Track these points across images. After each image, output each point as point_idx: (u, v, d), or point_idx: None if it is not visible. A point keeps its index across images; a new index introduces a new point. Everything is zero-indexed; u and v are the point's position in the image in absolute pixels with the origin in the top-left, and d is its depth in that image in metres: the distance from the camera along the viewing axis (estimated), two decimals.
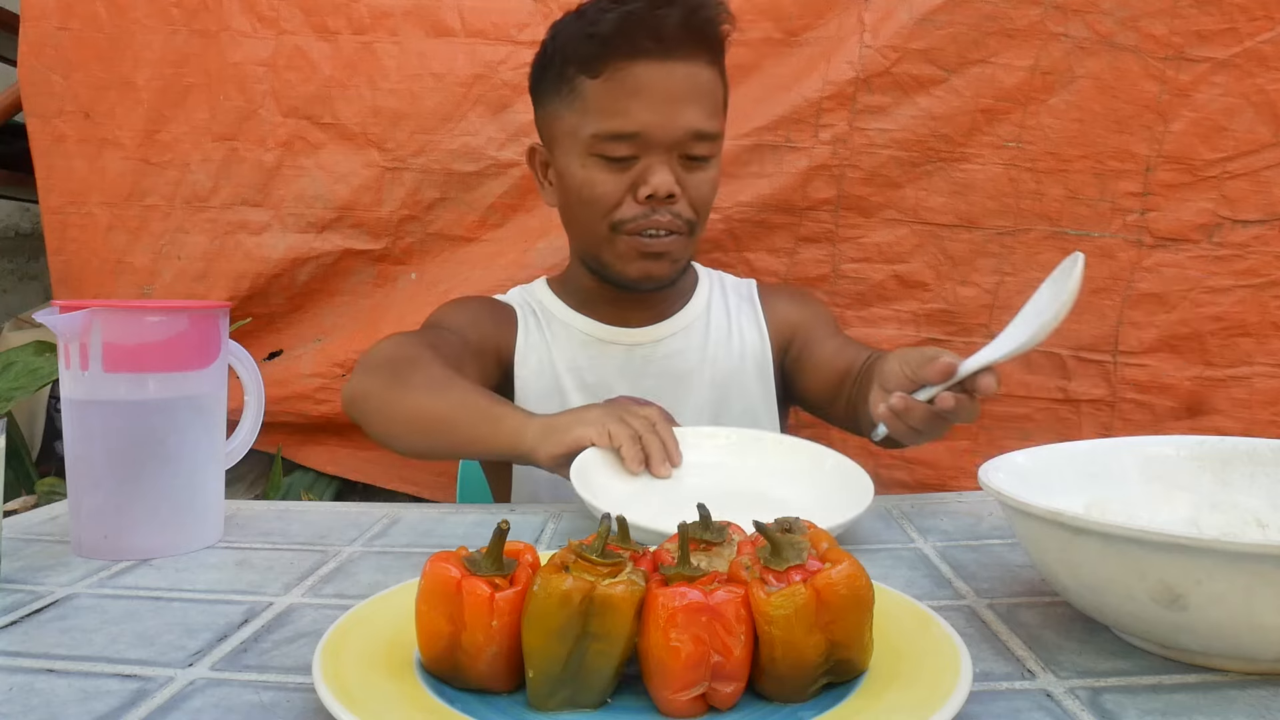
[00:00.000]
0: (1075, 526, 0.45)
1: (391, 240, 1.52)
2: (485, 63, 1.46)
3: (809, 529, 0.43)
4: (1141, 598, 0.44)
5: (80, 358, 0.64)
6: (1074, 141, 1.37)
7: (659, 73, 0.91)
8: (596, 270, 1.03)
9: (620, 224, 0.95)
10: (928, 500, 0.80)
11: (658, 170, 0.93)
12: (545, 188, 1.05)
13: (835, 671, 0.40)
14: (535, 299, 1.11)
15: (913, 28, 1.35)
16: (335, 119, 1.49)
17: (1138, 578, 0.44)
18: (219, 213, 1.52)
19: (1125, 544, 0.43)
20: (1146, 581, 0.43)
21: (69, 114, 1.51)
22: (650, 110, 0.91)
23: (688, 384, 1.06)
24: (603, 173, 0.94)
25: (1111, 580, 0.45)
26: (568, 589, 0.39)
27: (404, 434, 0.86)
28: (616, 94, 0.92)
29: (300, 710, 0.42)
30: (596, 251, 1.00)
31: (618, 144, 0.92)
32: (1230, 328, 1.37)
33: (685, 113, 0.92)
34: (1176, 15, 1.33)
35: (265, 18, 1.48)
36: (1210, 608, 0.42)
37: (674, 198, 0.94)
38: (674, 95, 0.92)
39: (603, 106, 0.92)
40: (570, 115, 0.95)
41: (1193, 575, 0.42)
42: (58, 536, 0.71)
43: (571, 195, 0.98)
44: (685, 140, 0.93)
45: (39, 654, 0.49)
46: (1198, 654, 0.45)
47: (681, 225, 0.96)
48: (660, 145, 0.92)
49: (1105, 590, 0.46)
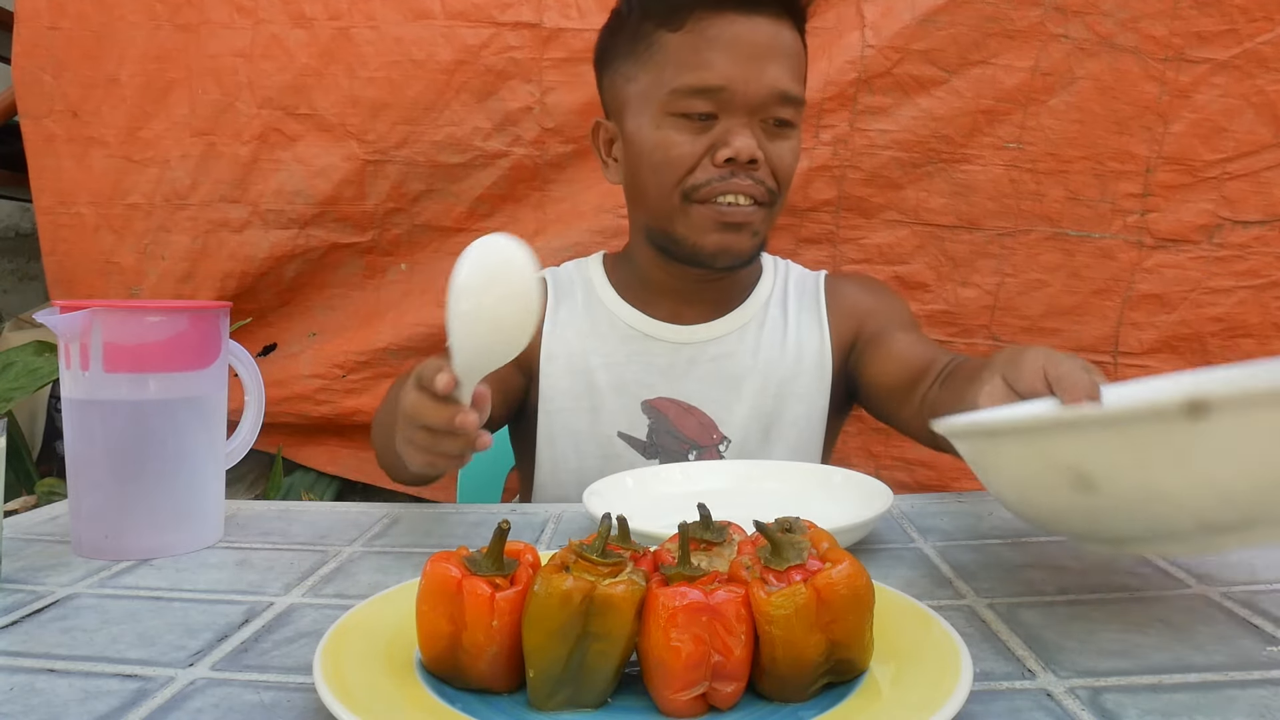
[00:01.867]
0: (990, 429, 0.47)
1: (378, 232, 1.51)
2: (467, 47, 1.43)
3: (809, 529, 0.43)
4: (1061, 488, 0.45)
5: (80, 358, 0.64)
6: (1074, 142, 1.37)
7: (745, 26, 0.86)
8: (666, 247, 0.94)
9: (694, 189, 0.88)
10: (928, 500, 0.80)
11: (739, 132, 0.86)
12: (609, 166, 0.98)
13: (835, 671, 0.40)
14: (584, 276, 1.04)
15: (914, 29, 1.35)
16: (312, 109, 1.46)
17: (1051, 468, 0.45)
18: (199, 210, 1.51)
19: (1031, 434, 0.45)
20: (1059, 470, 0.45)
21: (58, 113, 1.51)
22: (734, 64, 0.85)
23: (736, 389, 0.98)
24: (679, 133, 0.88)
25: (1035, 478, 0.47)
26: (568, 589, 0.39)
27: (393, 474, 0.83)
28: (699, 45, 0.86)
29: (301, 710, 0.42)
30: (668, 224, 0.92)
31: (698, 99, 0.86)
32: (1231, 329, 1.37)
33: (770, 70, 0.86)
34: (1176, 16, 1.33)
35: (244, 8, 1.46)
36: (1116, 483, 0.43)
37: (755, 163, 0.87)
38: (760, 51, 0.86)
39: (683, 59, 0.86)
40: (645, 75, 0.89)
41: (1090, 452, 0.43)
42: (58, 536, 0.71)
43: (642, 160, 0.91)
44: (770, 101, 0.87)
45: (39, 654, 0.49)
46: (1128, 539, 0.46)
47: (764, 194, 0.89)
48: (743, 105, 0.86)
49: (1032, 488, 0.48)
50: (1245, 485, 0.42)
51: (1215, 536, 0.45)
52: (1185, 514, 0.44)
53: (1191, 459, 0.42)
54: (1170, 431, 0.41)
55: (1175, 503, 0.43)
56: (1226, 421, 0.40)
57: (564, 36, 1.43)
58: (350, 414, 1.55)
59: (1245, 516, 0.44)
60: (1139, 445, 0.42)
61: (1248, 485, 0.42)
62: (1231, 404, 0.40)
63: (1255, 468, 0.42)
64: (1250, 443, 0.41)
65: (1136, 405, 0.42)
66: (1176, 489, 0.43)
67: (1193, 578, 0.57)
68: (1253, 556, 0.61)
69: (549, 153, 1.47)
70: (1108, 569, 0.60)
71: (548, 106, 1.45)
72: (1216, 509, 0.43)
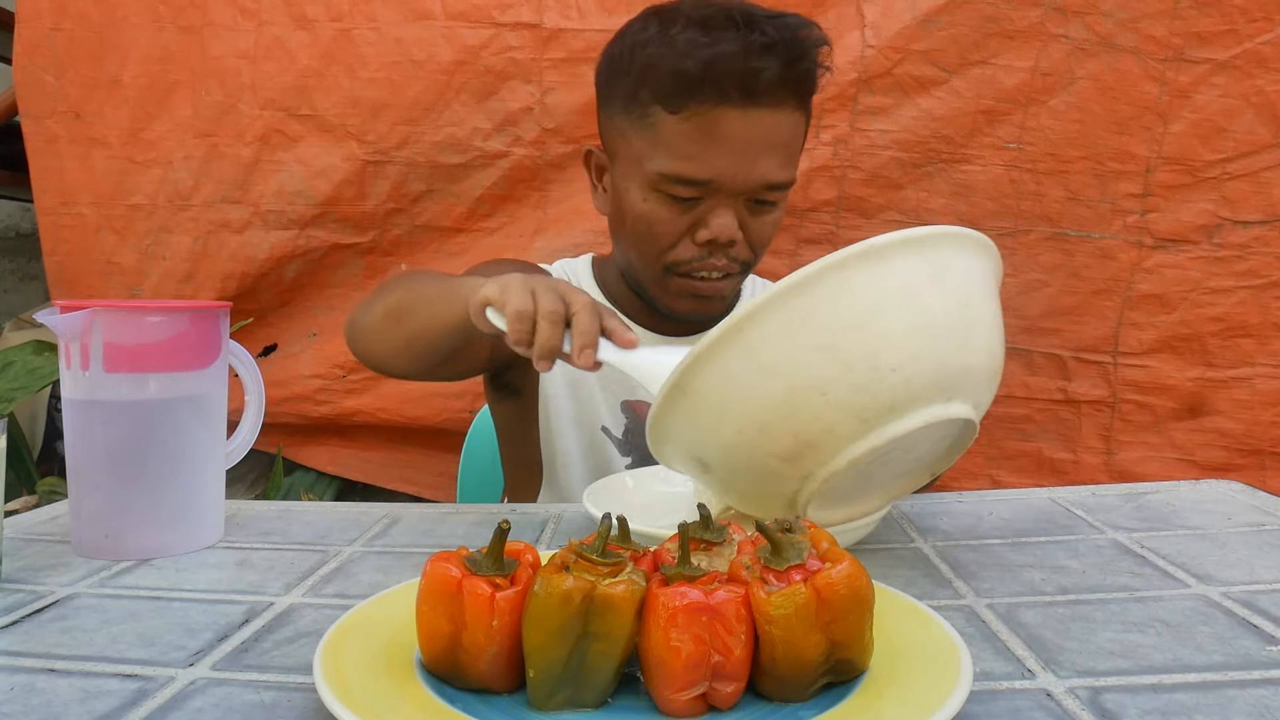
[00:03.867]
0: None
1: (379, 233, 1.51)
2: (467, 47, 1.43)
3: (809, 528, 0.43)
4: (696, 469, 0.57)
5: (81, 358, 0.64)
6: (1074, 143, 1.37)
7: (742, 122, 0.85)
8: (640, 294, 0.99)
9: (674, 265, 0.91)
10: (928, 500, 0.80)
11: (720, 214, 0.88)
12: (598, 193, 1.00)
13: (836, 671, 0.40)
14: (574, 276, 1.07)
15: (914, 29, 1.35)
16: (313, 110, 1.47)
17: (688, 465, 0.58)
18: (201, 211, 1.51)
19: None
20: (692, 464, 0.57)
21: (61, 114, 1.51)
22: (725, 159, 0.86)
23: None
24: (664, 210, 0.89)
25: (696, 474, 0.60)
26: (568, 589, 0.39)
27: (379, 338, 0.85)
28: (693, 137, 0.85)
29: (301, 710, 0.42)
30: (646, 284, 0.96)
31: (685, 187, 0.87)
32: (1231, 328, 1.37)
33: (761, 164, 0.87)
34: (1176, 17, 1.33)
35: (247, 9, 1.47)
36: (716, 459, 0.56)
37: (734, 243, 0.90)
38: (753, 146, 0.86)
39: (676, 147, 0.86)
40: (639, 141, 0.89)
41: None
42: (58, 536, 0.71)
43: (627, 221, 0.93)
44: (756, 190, 0.88)
45: (40, 654, 0.49)
46: (788, 478, 0.54)
47: (736, 268, 0.92)
48: (729, 193, 0.87)
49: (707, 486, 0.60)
50: (730, 434, 0.53)
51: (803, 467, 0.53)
52: (774, 440, 0.52)
53: (705, 421, 0.54)
54: (678, 407, 0.54)
55: (747, 450, 0.53)
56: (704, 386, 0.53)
57: (564, 37, 1.43)
58: (350, 414, 1.55)
59: (790, 449, 0.52)
60: (685, 437, 0.56)
61: (731, 433, 0.53)
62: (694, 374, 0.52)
63: (730, 421, 0.53)
64: (706, 407, 0.53)
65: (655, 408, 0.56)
66: (728, 444, 0.54)
67: (1193, 578, 0.57)
68: (1252, 556, 0.61)
69: (549, 153, 1.47)
70: (1108, 569, 0.60)
71: (548, 107, 1.45)
72: (769, 442, 0.52)
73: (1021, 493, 0.81)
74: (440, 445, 1.57)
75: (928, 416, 0.51)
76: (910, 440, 0.52)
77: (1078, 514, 0.73)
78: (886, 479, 0.57)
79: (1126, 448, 1.42)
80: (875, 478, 0.56)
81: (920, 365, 0.51)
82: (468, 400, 1.52)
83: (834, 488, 0.54)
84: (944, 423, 0.52)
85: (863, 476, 0.54)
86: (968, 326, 0.53)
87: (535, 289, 0.64)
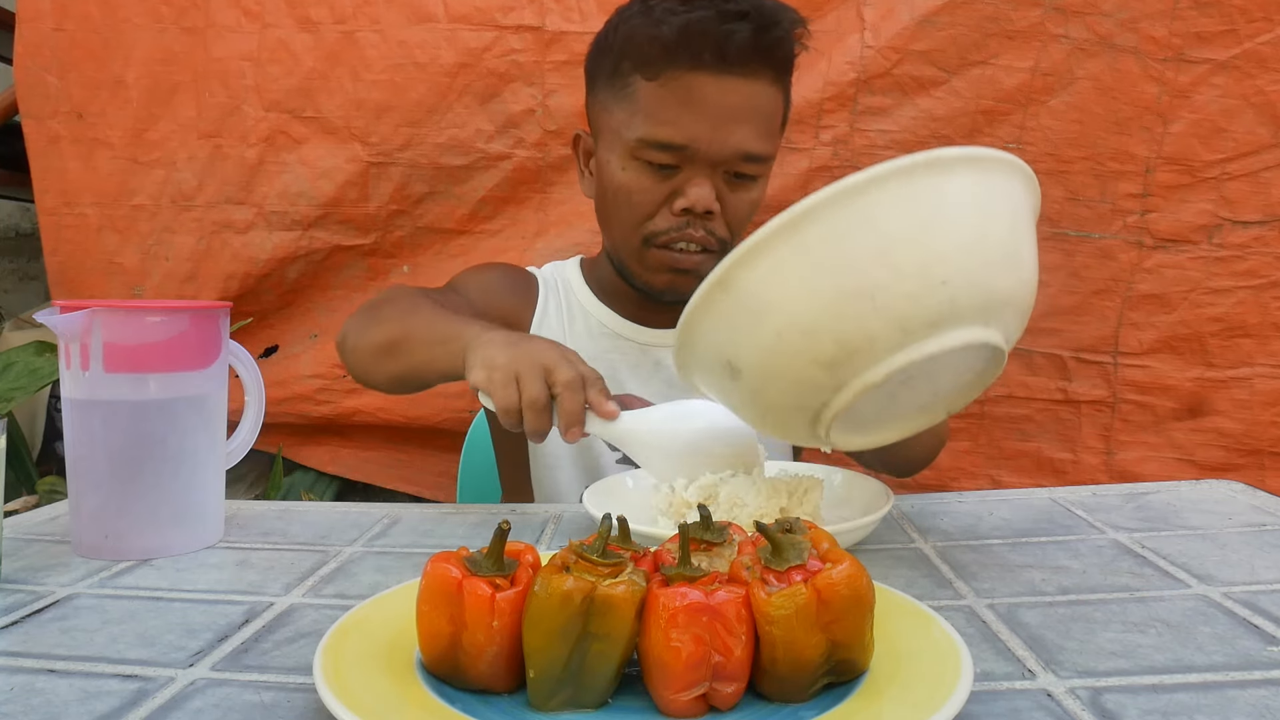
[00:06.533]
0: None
1: (381, 235, 1.52)
2: (470, 50, 1.44)
3: (810, 529, 0.43)
4: (722, 377, 0.56)
5: (81, 358, 0.64)
6: (1074, 143, 1.37)
7: (716, 87, 0.87)
8: (623, 274, 1.00)
9: (653, 235, 0.93)
10: (928, 500, 0.80)
11: (698, 184, 0.89)
12: (585, 177, 1.02)
13: (836, 671, 0.40)
14: (563, 277, 1.08)
15: (913, 29, 1.35)
16: (317, 112, 1.47)
17: (716, 370, 0.56)
18: (204, 212, 1.51)
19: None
20: (721, 367, 0.55)
21: (63, 115, 1.51)
22: (701, 124, 0.87)
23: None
24: (643, 178, 0.91)
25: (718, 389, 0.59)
26: (569, 589, 0.39)
27: (372, 366, 0.87)
28: (669, 102, 0.88)
29: (301, 710, 0.42)
30: (626, 258, 0.97)
31: (662, 152, 0.89)
32: (1231, 329, 1.37)
33: (737, 132, 0.88)
34: (1176, 17, 1.33)
35: (250, 11, 1.47)
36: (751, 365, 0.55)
37: (711, 215, 0.91)
38: (728, 113, 0.88)
39: (653, 112, 0.89)
40: (619, 112, 0.92)
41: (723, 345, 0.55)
42: (58, 536, 0.71)
43: (608, 194, 0.95)
44: (732, 159, 0.89)
45: (40, 654, 0.49)
46: (823, 388, 0.53)
47: (714, 243, 0.93)
48: (705, 161, 0.89)
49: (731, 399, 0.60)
50: (769, 336, 0.53)
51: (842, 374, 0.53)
52: (819, 344, 0.51)
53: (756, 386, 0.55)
54: (717, 306, 0.53)
55: (791, 357, 0.52)
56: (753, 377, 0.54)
57: (566, 39, 1.43)
58: (350, 414, 1.55)
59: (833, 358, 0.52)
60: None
61: (771, 335, 0.53)
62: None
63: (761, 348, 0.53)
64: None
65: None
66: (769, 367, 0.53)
67: (1193, 578, 0.57)
68: (1253, 556, 0.61)
69: (551, 155, 1.48)
70: (1108, 569, 0.60)
71: (550, 109, 1.45)
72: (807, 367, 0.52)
73: (1022, 493, 0.81)
74: (440, 445, 1.57)
75: (967, 337, 0.51)
76: (942, 363, 0.51)
77: (1078, 514, 0.73)
78: (906, 409, 0.57)
79: (1126, 448, 1.42)
80: (898, 403, 0.55)
81: (970, 282, 0.50)
82: (468, 400, 1.52)
83: (860, 408, 0.53)
84: (977, 348, 0.52)
85: (888, 398, 0.54)
86: (1017, 254, 0.53)
87: (520, 374, 0.68)
